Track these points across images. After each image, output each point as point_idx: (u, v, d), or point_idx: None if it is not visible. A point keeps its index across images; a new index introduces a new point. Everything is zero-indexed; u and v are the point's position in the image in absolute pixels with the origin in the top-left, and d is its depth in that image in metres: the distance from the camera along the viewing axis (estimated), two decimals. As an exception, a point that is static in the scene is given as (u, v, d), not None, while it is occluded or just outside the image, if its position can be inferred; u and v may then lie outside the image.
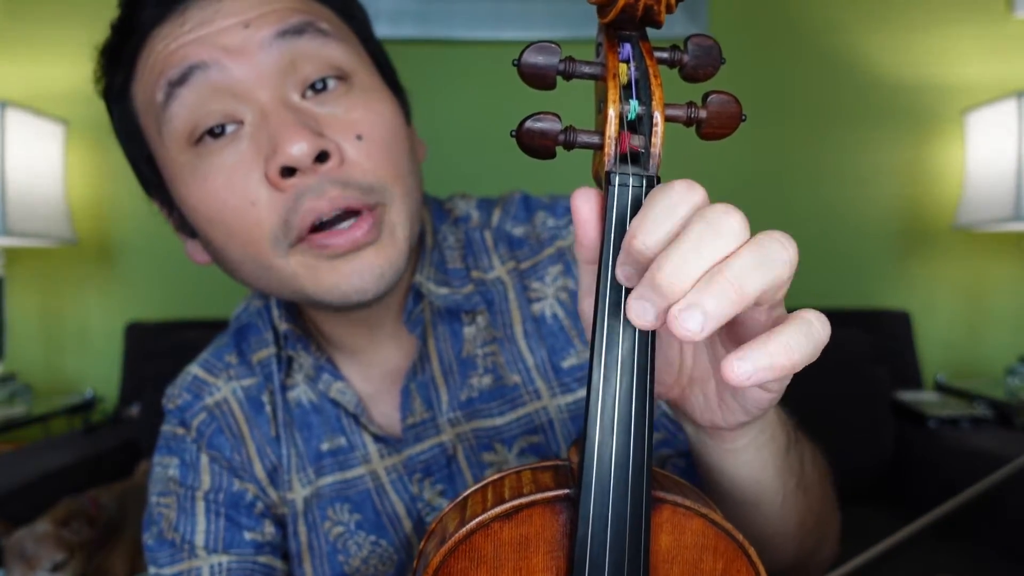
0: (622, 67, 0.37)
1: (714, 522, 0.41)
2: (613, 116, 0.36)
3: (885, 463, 1.74)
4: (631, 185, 0.37)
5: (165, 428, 0.76)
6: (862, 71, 2.08)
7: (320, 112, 0.61)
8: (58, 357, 2.10)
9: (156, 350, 1.83)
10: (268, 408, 0.74)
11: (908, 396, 1.85)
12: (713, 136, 0.38)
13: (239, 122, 0.61)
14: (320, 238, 0.60)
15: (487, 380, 0.71)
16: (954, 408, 1.75)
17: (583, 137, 0.37)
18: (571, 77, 0.37)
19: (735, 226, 0.33)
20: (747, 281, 0.32)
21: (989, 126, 1.86)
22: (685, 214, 0.34)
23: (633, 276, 0.36)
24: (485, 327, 0.72)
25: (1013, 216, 1.74)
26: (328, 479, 0.72)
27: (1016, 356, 1.95)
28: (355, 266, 0.61)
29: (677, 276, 0.32)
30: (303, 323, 0.75)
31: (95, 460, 1.67)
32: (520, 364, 0.71)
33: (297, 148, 0.57)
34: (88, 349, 2.10)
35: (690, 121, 0.38)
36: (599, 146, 0.37)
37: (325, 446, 0.73)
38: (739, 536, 0.41)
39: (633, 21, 0.36)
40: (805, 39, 2.08)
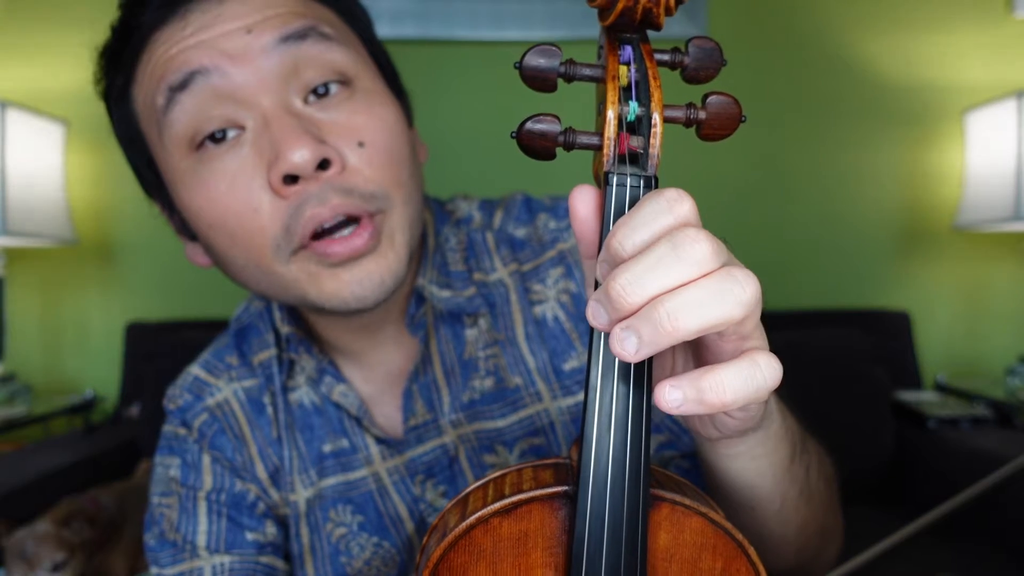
0: (622, 69, 0.37)
1: (713, 521, 0.41)
2: (612, 117, 0.37)
3: (885, 463, 1.73)
4: (629, 185, 0.37)
5: (166, 428, 0.77)
6: (862, 71, 2.08)
7: (322, 118, 0.61)
8: (58, 357, 2.10)
9: (156, 350, 1.83)
10: (269, 410, 0.74)
11: (908, 396, 1.85)
12: (713, 137, 0.38)
13: (241, 127, 0.61)
14: (321, 246, 0.61)
15: (489, 382, 0.71)
16: (954, 408, 1.75)
17: (582, 138, 0.38)
18: (572, 79, 0.38)
19: (699, 255, 0.33)
20: (685, 318, 0.32)
21: (989, 126, 1.86)
22: (667, 224, 0.34)
23: (607, 273, 0.36)
24: (487, 329, 0.72)
25: (1013, 216, 1.74)
26: (330, 480, 0.72)
27: (1016, 356, 1.95)
28: (355, 274, 0.62)
29: (626, 292, 0.33)
30: (305, 325, 0.75)
31: (95, 460, 1.68)
32: (521, 366, 0.71)
33: (299, 155, 0.57)
34: (88, 349, 2.10)
35: (689, 122, 0.38)
36: (598, 147, 0.38)
37: (327, 448, 0.73)
38: (738, 535, 0.42)
39: (633, 24, 0.36)
40: (804, 39, 2.09)
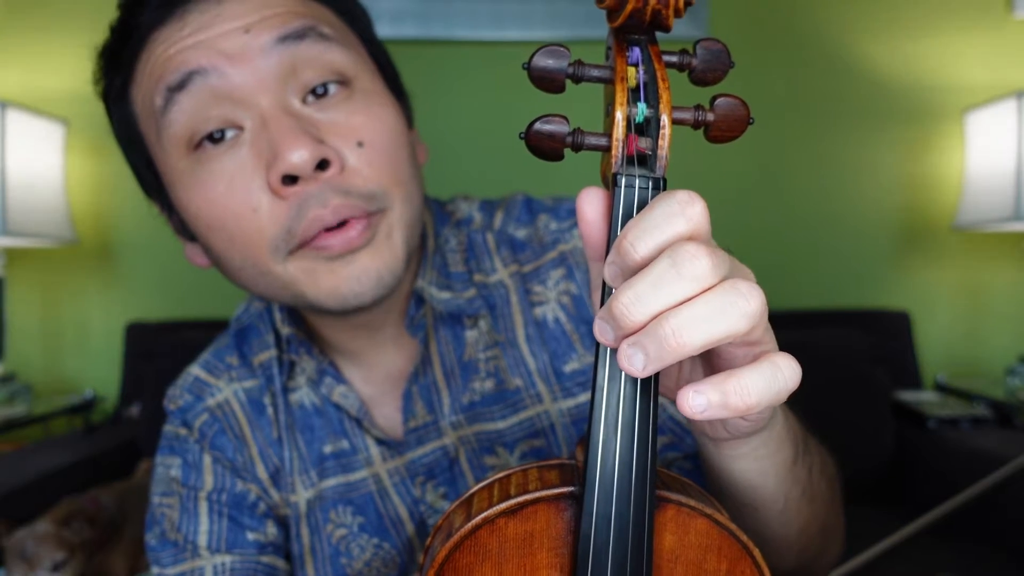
0: (631, 71, 0.37)
1: (718, 523, 0.41)
2: (621, 119, 0.37)
3: (885, 463, 1.74)
4: (637, 187, 0.37)
5: (167, 428, 0.76)
6: (862, 72, 2.08)
7: (321, 118, 0.61)
8: (58, 357, 2.09)
9: (156, 350, 1.83)
10: (270, 410, 0.74)
11: (908, 396, 1.85)
12: (721, 139, 0.38)
13: (239, 128, 0.60)
14: (319, 239, 0.61)
15: (489, 384, 0.71)
16: (954, 408, 1.75)
17: (591, 139, 0.38)
18: (580, 80, 0.38)
19: (699, 271, 0.33)
20: (690, 334, 0.33)
21: (989, 126, 1.86)
22: (679, 227, 0.34)
23: (617, 277, 0.36)
24: (487, 331, 0.72)
25: (1013, 216, 1.74)
26: (331, 481, 0.72)
27: (1016, 356, 1.95)
28: (352, 270, 0.61)
29: (629, 310, 0.33)
30: (305, 326, 0.75)
31: (95, 460, 1.67)
32: (522, 368, 0.71)
33: (298, 155, 0.57)
34: (88, 349, 2.09)
35: (697, 124, 0.38)
36: (606, 148, 0.38)
37: (328, 448, 0.73)
38: (743, 537, 0.41)
39: (641, 25, 0.36)
40: (804, 39, 2.09)
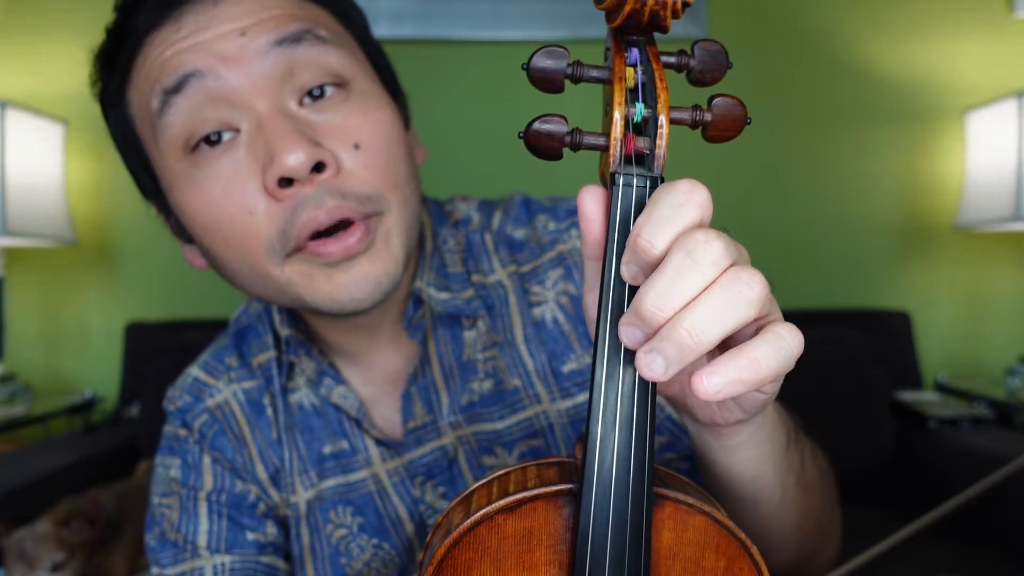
0: (629, 71, 0.38)
1: (716, 520, 0.41)
2: (619, 119, 0.37)
3: (885, 463, 1.74)
4: (635, 186, 0.37)
5: (167, 429, 0.77)
6: (862, 71, 2.08)
7: (317, 120, 0.61)
8: (58, 357, 2.10)
9: (156, 350, 1.83)
10: (269, 411, 0.74)
11: (908, 396, 1.85)
12: (718, 139, 0.39)
13: (235, 130, 0.60)
14: (315, 246, 0.60)
15: (487, 384, 0.71)
16: (954, 408, 1.75)
17: (589, 139, 0.38)
18: (579, 81, 0.38)
19: (715, 255, 0.34)
20: (705, 331, 0.34)
21: (989, 126, 1.87)
22: (690, 215, 0.35)
23: (638, 275, 0.36)
24: (486, 331, 0.72)
25: (1013, 216, 1.74)
26: (331, 482, 0.72)
27: (1016, 356, 1.95)
28: (351, 275, 0.61)
29: (659, 307, 0.34)
30: (304, 327, 0.75)
31: (95, 460, 1.68)
32: (520, 368, 0.71)
33: (294, 158, 0.57)
34: (88, 349, 2.10)
35: (695, 124, 0.38)
36: (605, 148, 0.38)
37: (327, 449, 0.73)
38: (741, 534, 0.42)
39: (640, 26, 0.36)
40: (804, 39, 2.09)
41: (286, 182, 0.59)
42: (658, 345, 0.34)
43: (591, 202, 0.39)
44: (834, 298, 2.07)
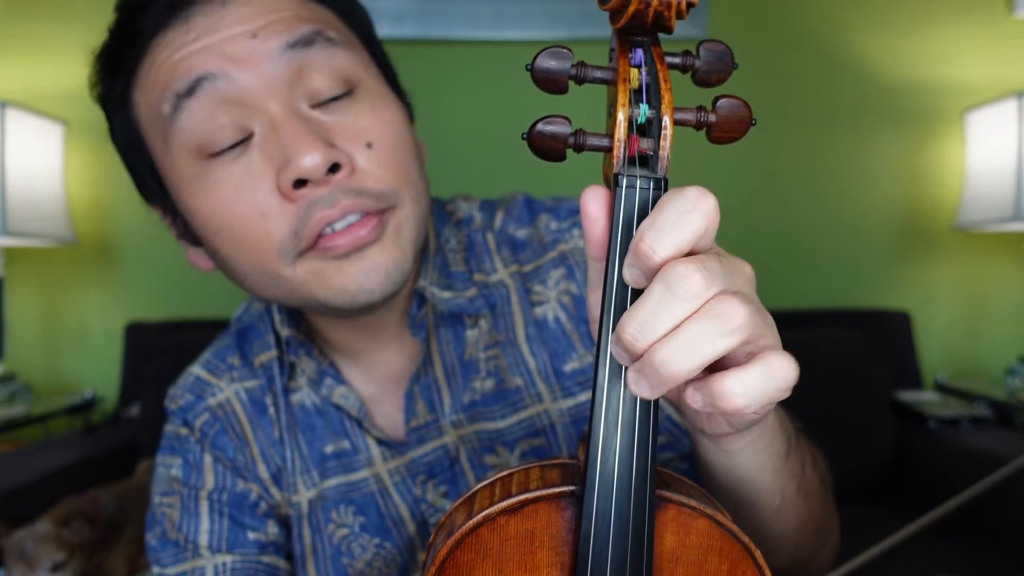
0: (633, 72, 0.38)
1: (719, 523, 0.41)
2: (623, 120, 0.37)
3: (885, 463, 1.74)
4: (639, 187, 0.37)
5: (168, 428, 0.76)
6: (862, 71, 2.08)
7: (329, 121, 0.61)
8: (58, 357, 2.09)
9: (156, 350, 1.83)
10: (271, 410, 0.74)
11: (908, 396, 1.85)
12: (723, 140, 0.39)
13: (248, 132, 0.60)
14: (325, 240, 0.60)
15: (489, 383, 0.71)
16: (954, 408, 1.75)
17: (592, 140, 0.38)
18: (583, 82, 0.38)
19: (693, 290, 0.34)
20: (679, 363, 0.34)
21: (989, 126, 1.87)
22: (696, 223, 0.35)
23: (640, 278, 0.36)
24: (488, 331, 0.72)
25: (1013, 216, 1.74)
26: (332, 481, 0.72)
27: (1016, 356, 1.95)
28: (361, 266, 0.61)
29: (636, 339, 0.35)
30: (305, 327, 0.75)
31: (95, 460, 1.67)
32: (522, 367, 0.71)
33: (310, 160, 0.57)
34: (88, 349, 2.09)
35: (699, 125, 0.38)
36: (608, 149, 0.38)
37: (329, 449, 0.73)
38: (744, 538, 0.42)
39: (644, 27, 0.36)
40: (804, 39, 2.09)
41: (300, 183, 0.59)
42: (641, 369, 0.36)
43: (594, 203, 0.39)
44: (834, 298, 2.07)
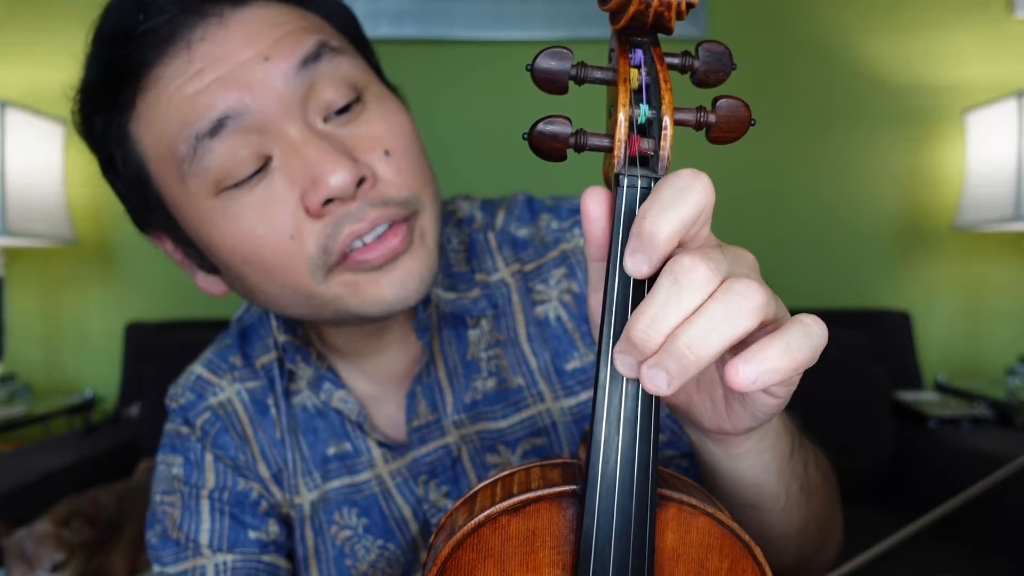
0: (633, 72, 0.38)
1: (720, 521, 0.41)
2: (623, 120, 0.37)
3: (885, 463, 1.74)
4: (639, 187, 0.37)
5: (169, 427, 0.76)
6: (862, 72, 2.08)
7: (344, 133, 0.60)
8: (58, 357, 2.10)
9: (156, 350, 1.83)
10: (273, 411, 0.74)
11: (908, 396, 1.85)
12: (722, 140, 0.39)
13: (267, 157, 0.59)
14: (356, 255, 0.60)
15: (491, 383, 0.71)
16: (954, 408, 1.75)
17: (593, 140, 0.38)
18: (583, 82, 0.38)
19: (700, 278, 0.34)
20: (704, 345, 0.34)
21: (989, 126, 1.87)
22: (697, 199, 0.35)
23: (642, 265, 0.36)
24: (489, 330, 0.72)
25: (1013, 216, 1.75)
26: (335, 483, 0.73)
27: (1016, 356, 1.95)
28: (396, 276, 0.61)
29: (648, 334, 0.34)
30: (302, 332, 0.74)
31: (95, 460, 1.68)
32: (524, 367, 0.71)
33: (338, 178, 0.56)
34: (88, 349, 2.10)
35: (699, 125, 0.38)
36: (609, 149, 0.38)
37: (331, 450, 0.73)
38: (745, 536, 0.42)
39: (644, 27, 0.36)
40: (804, 39, 2.09)
41: (328, 200, 0.58)
42: (660, 360, 0.34)
43: (594, 203, 0.39)
44: (834, 298, 2.07)
